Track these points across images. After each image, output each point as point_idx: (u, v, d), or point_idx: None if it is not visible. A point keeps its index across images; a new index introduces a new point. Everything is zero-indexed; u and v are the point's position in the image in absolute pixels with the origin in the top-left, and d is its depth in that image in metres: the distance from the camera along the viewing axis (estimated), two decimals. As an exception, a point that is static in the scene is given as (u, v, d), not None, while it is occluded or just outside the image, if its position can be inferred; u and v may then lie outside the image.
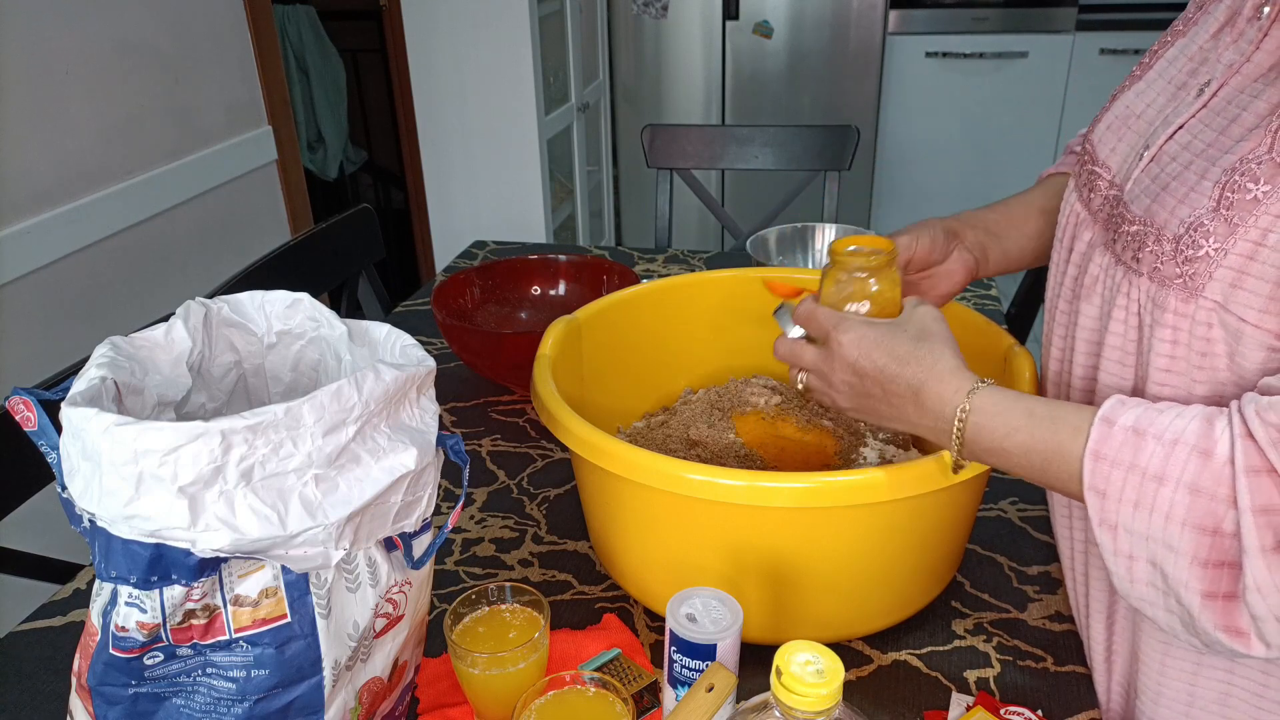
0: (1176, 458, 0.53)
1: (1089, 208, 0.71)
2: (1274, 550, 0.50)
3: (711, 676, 0.61)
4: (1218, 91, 0.62)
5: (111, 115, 1.71)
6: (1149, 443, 0.54)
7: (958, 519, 0.81)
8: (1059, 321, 0.75)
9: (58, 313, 1.62)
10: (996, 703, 0.74)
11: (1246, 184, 0.56)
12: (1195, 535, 0.52)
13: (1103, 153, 0.71)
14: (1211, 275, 0.56)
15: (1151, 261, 0.60)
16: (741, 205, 3.49)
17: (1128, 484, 0.54)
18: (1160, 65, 0.70)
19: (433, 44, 2.57)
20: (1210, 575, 0.52)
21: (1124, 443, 0.55)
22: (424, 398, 0.63)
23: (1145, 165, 0.64)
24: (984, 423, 0.62)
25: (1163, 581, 0.54)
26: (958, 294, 0.86)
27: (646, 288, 1.06)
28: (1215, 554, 0.52)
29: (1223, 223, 0.56)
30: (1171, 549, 0.53)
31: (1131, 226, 0.63)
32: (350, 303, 1.60)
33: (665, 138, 1.95)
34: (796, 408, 1.02)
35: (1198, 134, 0.61)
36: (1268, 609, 0.51)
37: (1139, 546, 0.55)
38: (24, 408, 0.55)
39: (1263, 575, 0.50)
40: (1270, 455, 0.50)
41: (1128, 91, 0.72)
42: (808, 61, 3.33)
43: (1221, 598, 0.52)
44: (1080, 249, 0.72)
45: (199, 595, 0.55)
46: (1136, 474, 0.54)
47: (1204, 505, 0.52)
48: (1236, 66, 0.61)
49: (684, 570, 0.78)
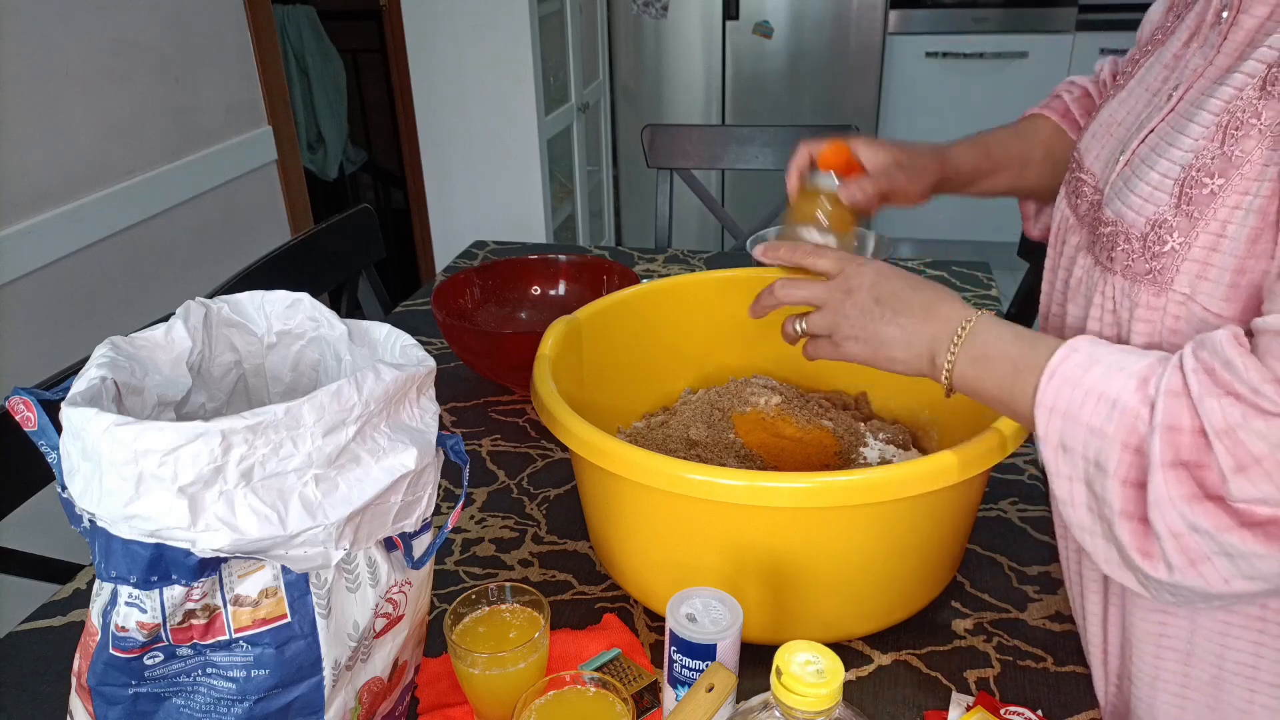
0: (1116, 380, 0.57)
1: (1076, 212, 0.74)
2: (1171, 465, 0.53)
3: (711, 676, 0.61)
4: (1184, 95, 0.64)
5: (111, 115, 1.71)
6: (1099, 366, 0.58)
7: (958, 519, 0.81)
8: (1052, 324, 0.78)
9: (58, 313, 1.62)
10: (996, 703, 0.74)
11: (1203, 179, 0.59)
12: (1119, 452, 0.55)
13: (1088, 160, 0.74)
14: (1178, 269, 0.60)
15: (1124, 260, 0.64)
16: (741, 205, 3.49)
17: (1071, 399, 0.58)
18: (1140, 74, 0.73)
19: (433, 44, 2.57)
20: (1129, 494, 0.55)
21: (1078, 365, 0.59)
22: (424, 398, 0.63)
23: (1120, 169, 0.67)
24: (981, 330, 0.67)
25: (1096, 504, 0.57)
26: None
27: (646, 288, 1.06)
28: (1135, 473, 0.55)
29: (1184, 218, 0.59)
30: (1101, 468, 0.56)
31: (1106, 228, 0.66)
32: (350, 303, 1.60)
33: (665, 138, 1.95)
34: (796, 408, 1.02)
35: (1164, 136, 0.64)
36: (1165, 526, 0.53)
37: (1076, 467, 0.58)
38: (24, 408, 0.55)
39: (1160, 489, 0.53)
40: (1190, 381, 0.54)
41: (1112, 100, 0.75)
42: (808, 61, 3.33)
43: (1138, 519, 0.55)
44: (1068, 253, 0.75)
45: (199, 595, 0.55)
46: (1080, 390, 0.58)
47: (1129, 421, 0.55)
48: (1200, 70, 0.64)
49: (684, 570, 0.78)
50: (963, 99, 3.39)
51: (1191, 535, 0.53)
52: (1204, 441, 0.53)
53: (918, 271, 1.59)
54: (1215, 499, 0.52)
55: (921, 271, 1.59)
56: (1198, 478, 0.53)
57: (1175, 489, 0.53)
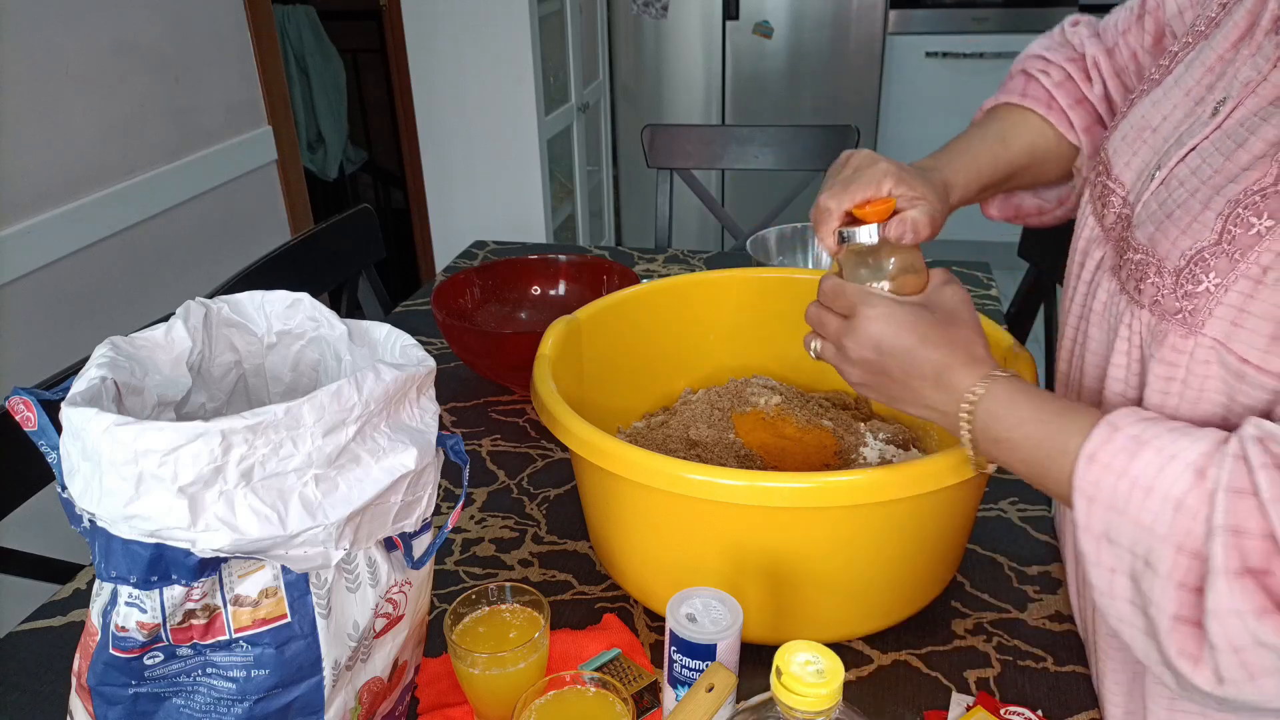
0: (1169, 471, 0.51)
1: (1102, 224, 0.68)
2: (1238, 574, 0.48)
3: (711, 676, 0.61)
4: (1232, 112, 0.58)
5: (111, 115, 1.71)
6: (1147, 452, 0.52)
7: (958, 519, 0.81)
8: (1068, 335, 0.73)
9: (58, 313, 1.62)
10: (996, 703, 0.74)
11: (1250, 217, 0.53)
12: (1174, 554, 0.50)
13: (1117, 166, 0.68)
14: (1211, 312, 0.54)
15: (1152, 293, 0.58)
16: (741, 205, 3.50)
17: (1117, 491, 0.52)
18: (1179, 70, 0.66)
19: (433, 44, 2.57)
20: (1184, 598, 0.50)
21: (1122, 449, 0.53)
22: (424, 398, 0.63)
23: (1155, 188, 0.62)
24: (995, 409, 0.61)
25: (1140, 600, 0.53)
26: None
27: (646, 288, 1.06)
28: (1192, 577, 0.50)
29: (1224, 257, 0.54)
30: (1150, 566, 0.51)
31: (1135, 254, 0.61)
32: (350, 303, 1.60)
33: (665, 138, 1.95)
34: (796, 408, 1.02)
35: (1207, 158, 0.58)
36: (1225, 638, 0.49)
37: (1121, 560, 0.53)
38: (24, 408, 0.55)
39: (1224, 599, 0.48)
40: (1257, 477, 0.48)
41: (1145, 99, 0.68)
42: (808, 61, 3.33)
43: (1190, 623, 0.50)
44: (1090, 267, 0.69)
45: (199, 595, 0.55)
46: (1127, 481, 0.52)
47: (1185, 524, 0.50)
48: (1253, 85, 0.57)
49: (684, 570, 0.78)
50: (963, 99, 3.39)
51: (1255, 650, 0.48)
52: (1274, 547, 0.48)
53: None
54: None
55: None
56: (1265, 586, 0.48)
57: (1241, 601, 0.48)
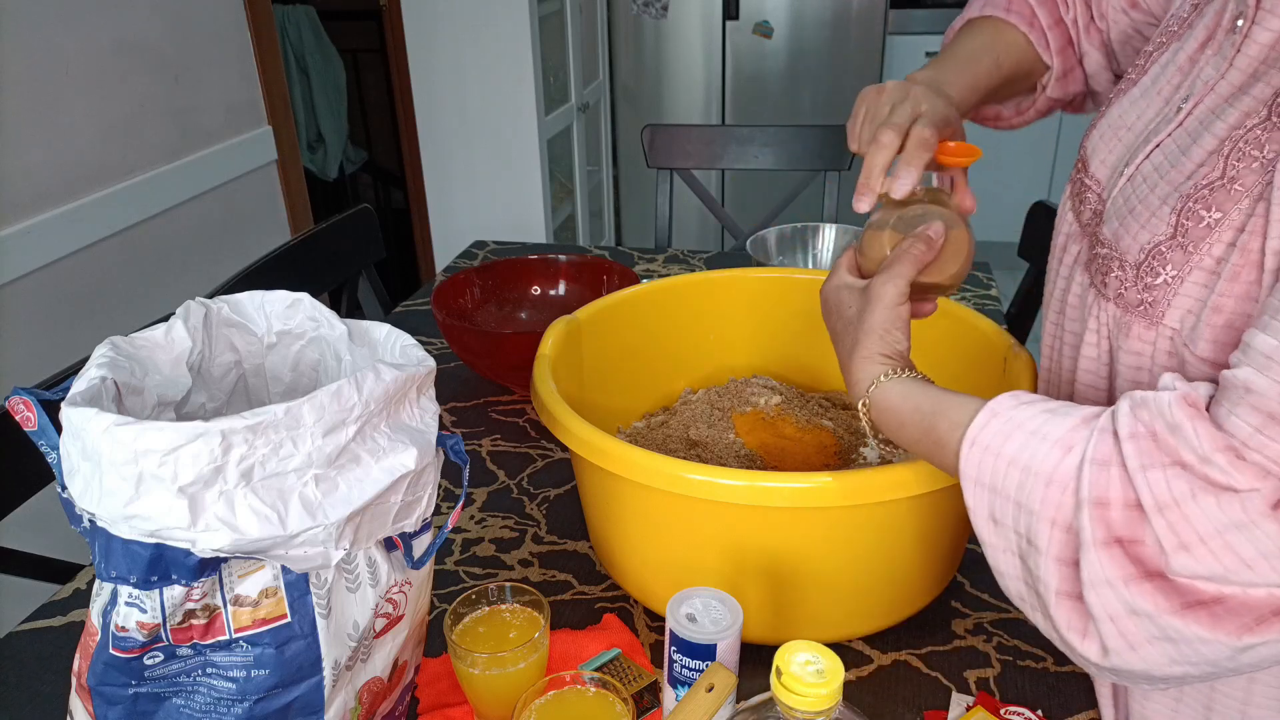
0: (1039, 449, 0.52)
1: (1079, 220, 0.70)
2: (1105, 544, 0.49)
3: (711, 676, 0.61)
4: (1192, 110, 0.60)
5: (111, 115, 1.71)
6: (1020, 434, 0.54)
7: (958, 519, 0.81)
8: (1049, 330, 0.75)
9: (58, 313, 1.62)
10: (996, 703, 0.74)
11: (1200, 211, 0.55)
12: (1049, 529, 0.51)
13: (1094, 163, 0.70)
14: (1170, 303, 0.56)
15: (1117, 286, 0.60)
16: (741, 205, 3.50)
17: (995, 471, 0.54)
18: (1154, 70, 0.68)
19: (433, 44, 2.57)
20: (1065, 573, 0.51)
21: (998, 431, 0.54)
22: (424, 398, 0.63)
23: (1122, 185, 0.64)
24: (879, 418, 0.65)
25: (1030, 578, 0.54)
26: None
27: (646, 288, 1.06)
28: (1069, 551, 0.51)
29: (1179, 250, 0.56)
30: (1033, 544, 0.52)
31: (1102, 249, 0.63)
32: (350, 303, 1.60)
33: (665, 138, 1.95)
34: (796, 408, 1.02)
35: (1168, 155, 0.60)
36: (1102, 607, 0.49)
37: (1009, 540, 0.54)
38: (24, 408, 0.55)
39: (1095, 569, 0.49)
40: (1124, 448, 0.49)
41: (1123, 98, 0.70)
42: (808, 61, 3.33)
43: (1072, 597, 0.51)
44: (1068, 262, 0.71)
45: (199, 595, 0.55)
46: (1003, 461, 0.53)
47: (1056, 498, 0.51)
48: (1211, 84, 0.59)
49: (684, 570, 0.78)
50: (963, 99, 3.38)
51: (1131, 618, 0.49)
52: (1138, 515, 0.49)
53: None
54: (1155, 576, 0.48)
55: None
56: (1134, 554, 0.49)
57: (1111, 569, 0.49)
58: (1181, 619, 0.48)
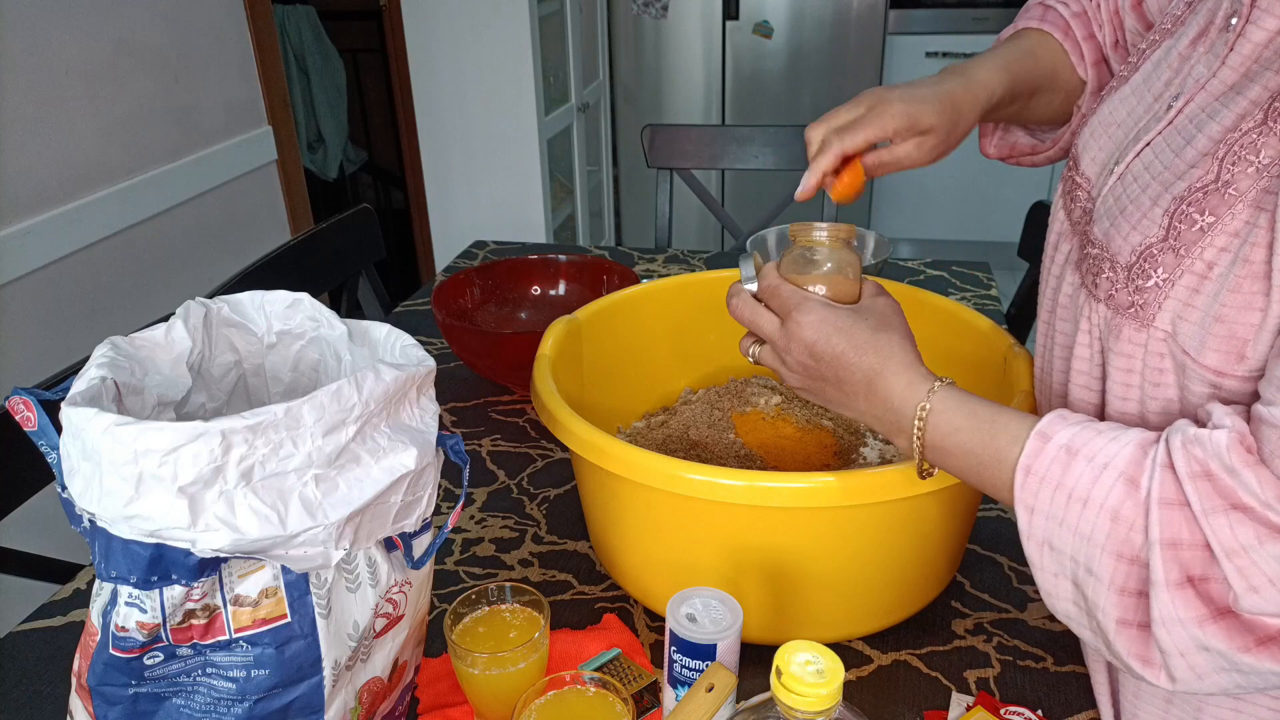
0: (1103, 482, 0.52)
1: (1070, 218, 0.70)
2: (1178, 585, 0.50)
3: (711, 676, 0.61)
4: (1183, 108, 0.59)
5: (111, 115, 1.71)
6: (1079, 463, 0.54)
7: (958, 519, 0.81)
8: (1041, 330, 0.75)
9: (58, 313, 1.62)
10: (996, 703, 0.74)
11: (1193, 214, 0.55)
12: (1114, 562, 0.52)
13: (1084, 161, 0.69)
14: (1161, 306, 0.56)
15: (1107, 288, 0.60)
16: (741, 205, 3.50)
17: (1055, 502, 0.54)
18: (1146, 68, 0.67)
19: (433, 44, 2.57)
20: (1126, 603, 0.52)
21: (1055, 460, 0.54)
22: (424, 398, 0.63)
23: (1112, 184, 0.63)
24: (933, 420, 0.62)
25: (1084, 603, 0.55)
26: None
27: (646, 288, 1.06)
28: (1132, 582, 0.52)
29: (1171, 253, 0.56)
30: (1092, 573, 0.53)
31: (1093, 249, 0.63)
32: (350, 303, 1.60)
33: (665, 138, 1.95)
34: (796, 408, 1.02)
35: (1159, 154, 0.60)
36: (1172, 643, 0.51)
37: (1063, 565, 0.55)
38: (24, 408, 0.55)
39: (1168, 609, 0.50)
40: (1186, 488, 0.50)
41: (1114, 95, 0.70)
42: (808, 61, 3.33)
43: (1135, 626, 0.52)
44: (1059, 261, 0.71)
45: (199, 595, 0.55)
46: (1063, 493, 0.54)
47: (1123, 533, 0.52)
48: (1203, 81, 0.59)
49: (684, 570, 0.78)
50: (963, 99, 3.38)
51: (1201, 654, 0.50)
52: (1208, 555, 0.50)
53: (917, 272, 1.59)
54: (1225, 614, 0.49)
55: (921, 273, 1.59)
56: (1204, 593, 0.50)
57: (1184, 610, 0.50)
58: (1254, 655, 0.49)
